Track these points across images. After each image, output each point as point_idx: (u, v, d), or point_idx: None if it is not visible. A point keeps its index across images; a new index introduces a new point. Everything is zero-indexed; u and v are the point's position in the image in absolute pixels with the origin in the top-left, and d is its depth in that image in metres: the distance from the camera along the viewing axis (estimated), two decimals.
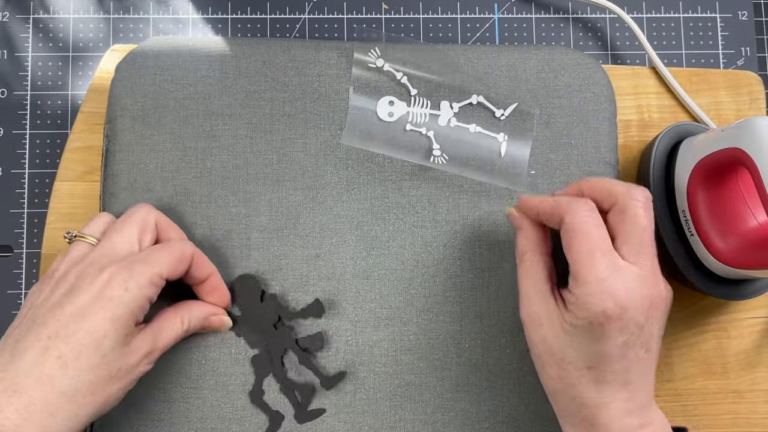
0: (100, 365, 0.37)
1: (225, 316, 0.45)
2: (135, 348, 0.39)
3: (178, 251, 0.41)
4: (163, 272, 0.39)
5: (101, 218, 0.43)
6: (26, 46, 0.53)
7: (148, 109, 0.48)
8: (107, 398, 0.37)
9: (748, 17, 0.56)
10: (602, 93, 0.49)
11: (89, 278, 0.38)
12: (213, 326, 0.44)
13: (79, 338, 0.36)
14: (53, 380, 0.35)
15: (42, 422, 0.34)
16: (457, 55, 0.49)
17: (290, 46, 0.49)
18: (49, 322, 0.37)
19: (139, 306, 0.38)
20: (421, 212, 0.48)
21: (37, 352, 0.36)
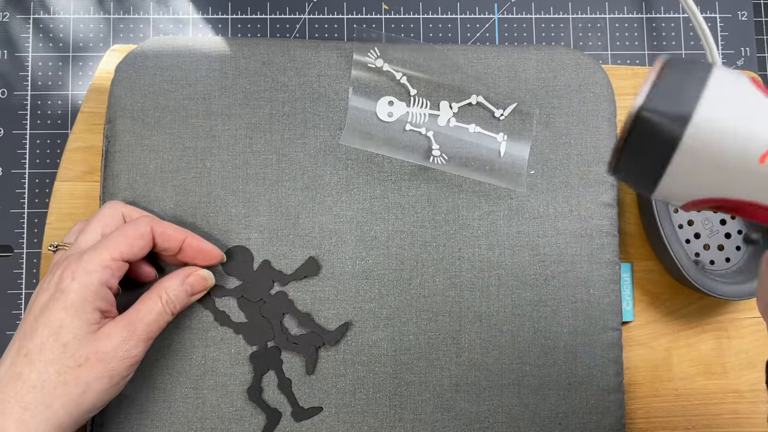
0: (62, 355, 0.37)
1: (200, 271, 0.44)
2: (105, 334, 0.39)
3: (130, 230, 0.41)
4: (115, 254, 0.39)
5: (76, 225, 0.44)
6: (26, 46, 0.53)
7: (147, 110, 0.48)
8: (84, 388, 0.38)
9: (747, 17, 0.56)
10: (602, 93, 0.49)
11: (49, 278, 0.40)
12: (197, 288, 0.44)
13: (39, 333, 0.38)
14: (22, 376, 0.37)
15: (17, 415, 0.36)
16: (457, 55, 0.49)
17: (290, 46, 0.49)
18: (22, 326, 0.39)
19: (91, 292, 0.38)
20: (421, 212, 0.48)
21: (12, 354, 0.38)
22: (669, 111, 0.24)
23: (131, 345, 0.39)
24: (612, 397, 0.47)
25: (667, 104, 0.24)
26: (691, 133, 0.24)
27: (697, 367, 0.50)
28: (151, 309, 0.41)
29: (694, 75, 0.25)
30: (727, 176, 0.24)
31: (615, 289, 0.48)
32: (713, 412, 0.50)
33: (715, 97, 0.24)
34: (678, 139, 0.24)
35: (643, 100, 0.25)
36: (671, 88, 0.25)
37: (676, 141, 0.24)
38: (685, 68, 0.25)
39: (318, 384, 0.46)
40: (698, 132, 0.24)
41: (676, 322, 0.50)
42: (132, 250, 0.40)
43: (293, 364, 0.46)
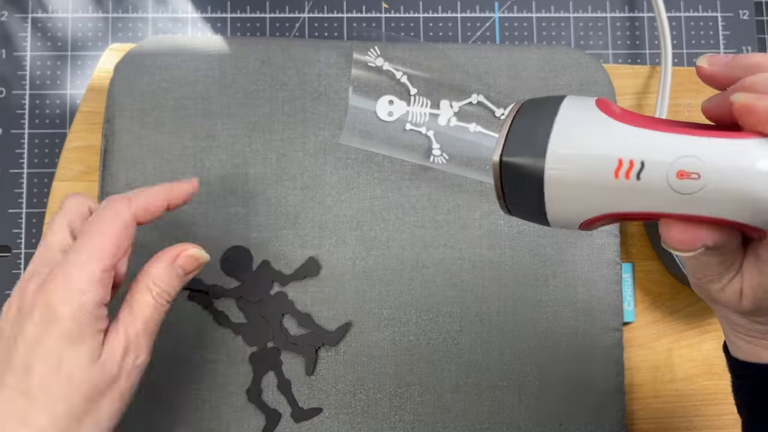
0: (70, 391, 0.33)
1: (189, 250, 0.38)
2: (108, 355, 0.34)
3: (110, 225, 0.35)
4: (106, 263, 0.34)
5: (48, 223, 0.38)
6: (25, 45, 0.53)
7: (146, 109, 0.47)
8: (97, 418, 0.34)
9: (749, 17, 0.56)
10: (603, 92, 0.49)
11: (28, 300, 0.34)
12: (190, 267, 0.38)
13: (37, 369, 0.32)
14: (27, 419, 0.32)
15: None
16: (457, 54, 0.49)
17: (289, 45, 0.49)
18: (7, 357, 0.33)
19: (88, 315, 0.33)
20: (421, 212, 0.47)
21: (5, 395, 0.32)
22: (525, 153, 0.27)
23: (134, 356, 0.35)
24: (613, 397, 0.47)
25: (523, 148, 0.27)
26: (550, 167, 0.26)
27: (699, 368, 0.50)
28: (144, 306, 0.36)
29: (543, 114, 0.27)
30: (596, 195, 0.26)
31: (616, 290, 0.48)
32: (714, 413, 0.50)
33: (562, 132, 0.26)
34: (540, 176, 0.26)
35: (501, 149, 0.27)
36: (524, 132, 0.27)
37: (539, 178, 0.26)
38: (535, 109, 0.28)
39: (318, 385, 0.46)
40: (555, 165, 0.26)
41: (677, 323, 0.50)
42: (120, 251, 0.35)
43: (293, 364, 0.46)
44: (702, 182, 0.24)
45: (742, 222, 0.25)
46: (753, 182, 0.24)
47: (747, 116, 0.25)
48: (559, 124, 0.26)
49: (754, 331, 0.31)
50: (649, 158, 0.25)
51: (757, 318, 0.31)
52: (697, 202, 0.25)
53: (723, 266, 0.29)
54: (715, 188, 0.24)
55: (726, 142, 0.24)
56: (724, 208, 0.25)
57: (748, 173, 0.24)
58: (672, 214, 0.26)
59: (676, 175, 0.25)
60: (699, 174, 0.24)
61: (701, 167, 0.24)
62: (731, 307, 0.30)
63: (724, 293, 0.30)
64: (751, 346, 0.32)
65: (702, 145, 0.25)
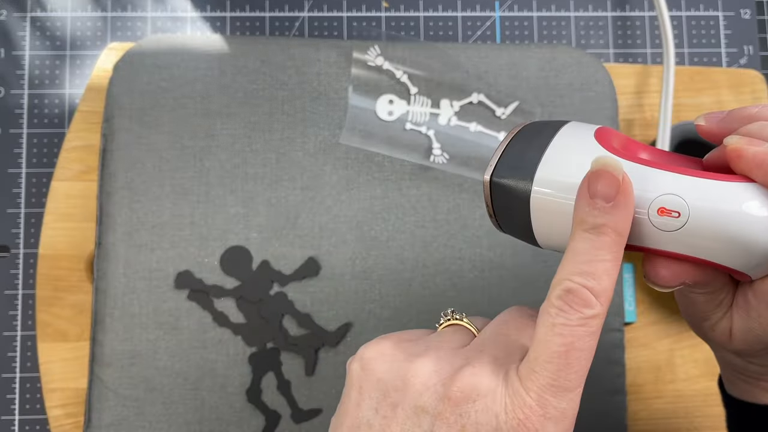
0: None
1: None
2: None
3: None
4: None
5: (479, 320, 0.30)
6: (23, 44, 0.52)
7: (145, 108, 0.47)
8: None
9: (750, 16, 0.56)
10: (604, 92, 0.49)
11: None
12: None
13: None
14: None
15: None
16: (458, 53, 0.49)
17: (289, 44, 0.49)
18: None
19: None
20: (422, 212, 0.47)
21: None
22: (514, 175, 0.27)
23: None
24: (614, 398, 0.47)
25: (512, 170, 0.27)
26: (536, 191, 0.26)
27: (700, 369, 0.50)
28: None
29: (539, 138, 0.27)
30: None
31: (617, 290, 0.47)
32: (716, 414, 0.50)
33: (552, 158, 0.26)
34: (527, 199, 0.26)
35: (494, 168, 0.27)
36: (516, 155, 0.27)
37: (526, 199, 0.26)
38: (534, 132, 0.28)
39: (317, 385, 0.46)
40: (541, 190, 0.26)
41: (678, 323, 0.50)
42: None
43: (293, 365, 0.46)
44: (682, 220, 0.24)
45: (723, 264, 0.25)
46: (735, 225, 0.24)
47: (737, 161, 0.25)
48: (551, 150, 0.27)
49: (750, 371, 0.31)
50: None
51: (751, 359, 0.30)
52: (677, 240, 0.25)
53: (710, 305, 0.28)
54: (695, 228, 0.24)
55: (710, 183, 0.24)
56: (704, 248, 0.25)
57: (728, 216, 0.24)
58: (653, 249, 0.26)
59: (657, 211, 0.25)
60: (679, 212, 0.24)
61: (682, 206, 0.24)
62: (721, 345, 0.30)
63: (714, 332, 0.29)
64: (748, 386, 0.32)
65: (685, 184, 0.25)
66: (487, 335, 0.27)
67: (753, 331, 0.27)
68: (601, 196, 0.24)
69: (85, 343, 0.48)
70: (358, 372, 0.27)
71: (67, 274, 0.48)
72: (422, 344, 0.27)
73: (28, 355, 0.49)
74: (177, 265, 0.46)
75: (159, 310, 0.46)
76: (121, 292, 0.46)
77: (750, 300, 0.27)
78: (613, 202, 0.24)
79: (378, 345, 0.27)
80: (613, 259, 0.24)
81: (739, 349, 0.29)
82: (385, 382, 0.26)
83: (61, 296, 0.48)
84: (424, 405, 0.25)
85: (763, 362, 0.30)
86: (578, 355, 0.24)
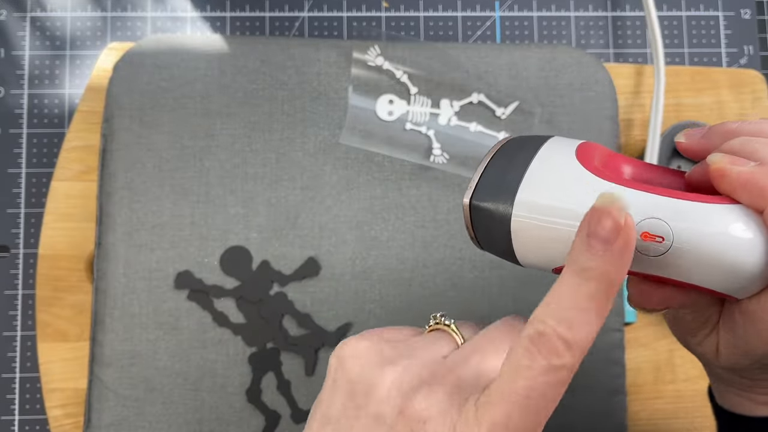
0: None
1: None
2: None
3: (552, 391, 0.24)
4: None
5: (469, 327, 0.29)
6: (23, 44, 0.52)
7: (145, 108, 0.47)
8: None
9: (751, 16, 0.56)
10: (604, 92, 0.49)
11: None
12: None
13: None
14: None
15: None
16: (458, 53, 0.49)
17: (289, 44, 0.49)
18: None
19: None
20: (421, 212, 0.47)
21: None
22: (494, 199, 0.26)
23: None
24: (614, 398, 0.47)
25: (492, 193, 0.26)
26: (517, 215, 0.26)
27: (700, 369, 0.50)
28: None
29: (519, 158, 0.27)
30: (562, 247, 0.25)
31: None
32: None
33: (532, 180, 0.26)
34: (508, 222, 0.26)
35: (473, 191, 0.27)
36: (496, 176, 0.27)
37: (507, 223, 0.26)
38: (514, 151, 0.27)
39: (317, 386, 0.46)
40: (522, 213, 0.25)
41: None
42: None
43: (292, 365, 0.46)
44: (666, 245, 0.24)
45: (709, 288, 0.24)
46: (720, 248, 0.23)
47: (720, 181, 0.24)
48: (531, 171, 0.26)
49: (739, 384, 0.30)
50: None
51: (738, 373, 0.30)
52: (662, 265, 0.24)
53: (697, 323, 0.28)
54: (679, 252, 0.24)
55: (694, 206, 0.24)
56: (689, 273, 0.24)
57: (713, 239, 0.23)
58: (638, 272, 0.25)
59: (640, 236, 0.24)
60: (663, 237, 0.24)
61: (666, 231, 0.24)
62: (710, 361, 0.29)
63: (701, 347, 0.29)
64: (738, 398, 0.31)
65: (668, 207, 0.24)
66: (465, 352, 0.27)
67: (740, 348, 0.27)
68: (599, 238, 0.22)
69: (85, 343, 0.48)
70: (335, 367, 0.27)
71: (67, 274, 0.48)
72: (399, 349, 0.27)
73: (28, 355, 0.49)
74: (177, 265, 0.46)
75: (159, 310, 0.46)
76: (121, 292, 0.46)
77: (736, 319, 0.27)
78: (611, 248, 0.22)
79: (356, 343, 0.27)
80: (596, 310, 0.22)
81: (725, 365, 0.28)
82: (354, 383, 0.26)
83: (61, 296, 0.48)
84: (383, 414, 0.25)
85: (751, 376, 0.29)
86: (538, 402, 0.23)
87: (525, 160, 0.26)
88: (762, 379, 0.29)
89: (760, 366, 0.28)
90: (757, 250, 0.23)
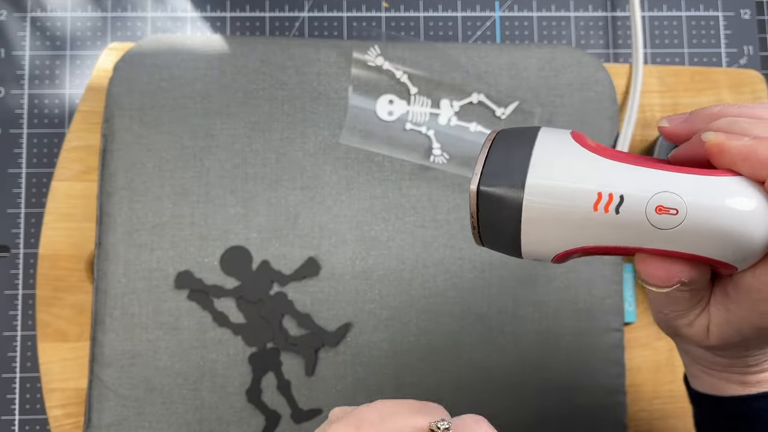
0: None
1: None
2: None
3: None
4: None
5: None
6: (23, 44, 0.52)
7: (145, 108, 0.47)
8: None
9: (750, 16, 0.55)
10: (604, 92, 0.49)
11: None
12: None
13: None
14: None
15: None
16: (458, 53, 0.49)
17: (289, 44, 0.49)
18: None
19: None
20: (421, 212, 0.47)
21: None
22: (503, 183, 0.26)
23: None
24: (614, 398, 0.47)
25: (501, 178, 0.26)
26: (529, 199, 0.26)
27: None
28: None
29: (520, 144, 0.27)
30: (573, 228, 0.26)
31: (617, 290, 0.47)
32: None
33: (541, 163, 0.26)
34: (519, 207, 0.26)
35: (480, 177, 0.27)
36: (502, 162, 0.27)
37: (518, 209, 0.26)
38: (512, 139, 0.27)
39: (317, 386, 0.46)
40: (533, 196, 0.26)
41: None
42: None
43: (292, 365, 0.46)
44: (680, 218, 0.24)
45: (717, 259, 0.25)
46: (729, 219, 0.24)
47: (719, 156, 0.25)
48: (537, 155, 0.26)
49: (716, 364, 0.31)
50: (628, 192, 0.25)
51: (719, 352, 0.30)
52: (675, 238, 0.25)
53: (692, 302, 0.29)
54: (692, 224, 0.24)
55: (704, 179, 0.25)
56: (700, 245, 0.25)
57: (725, 210, 0.24)
58: (648, 248, 0.26)
59: (654, 210, 0.25)
60: (677, 210, 0.24)
61: (679, 203, 0.24)
62: (697, 342, 0.30)
63: (691, 328, 0.30)
64: (712, 379, 0.32)
65: (681, 181, 0.25)
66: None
67: (731, 324, 0.28)
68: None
69: (85, 343, 0.48)
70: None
71: (67, 274, 0.48)
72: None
73: (28, 355, 0.49)
74: (177, 265, 0.46)
75: (159, 310, 0.46)
76: (121, 292, 0.46)
77: (730, 292, 0.27)
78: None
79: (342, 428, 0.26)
80: None
81: (714, 344, 0.29)
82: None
83: (61, 296, 0.48)
84: None
85: (733, 354, 0.30)
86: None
87: (527, 146, 0.27)
88: (739, 358, 0.30)
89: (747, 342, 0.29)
90: (761, 220, 0.24)
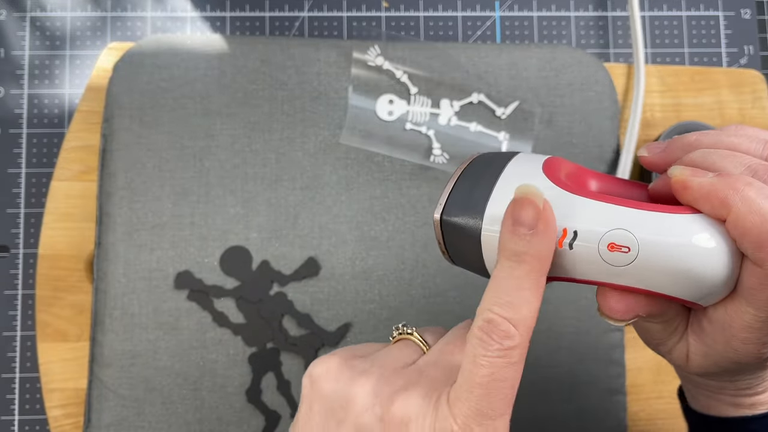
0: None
1: None
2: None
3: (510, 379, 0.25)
4: None
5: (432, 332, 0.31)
6: (23, 44, 0.52)
7: (145, 108, 0.47)
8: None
9: (751, 16, 0.55)
10: (604, 92, 0.49)
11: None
12: None
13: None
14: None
15: None
16: (458, 53, 0.49)
17: (289, 44, 0.49)
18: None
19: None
20: (421, 212, 0.47)
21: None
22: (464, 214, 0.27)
23: None
24: (614, 398, 0.46)
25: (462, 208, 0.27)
26: (487, 228, 0.26)
27: None
28: None
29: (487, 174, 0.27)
30: None
31: None
32: None
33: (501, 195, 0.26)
34: (478, 236, 0.26)
35: (443, 207, 0.27)
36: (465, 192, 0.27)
37: (477, 237, 0.26)
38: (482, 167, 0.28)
39: None
40: (492, 226, 0.26)
41: None
42: None
43: (292, 365, 0.46)
44: (631, 255, 0.24)
45: (675, 296, 0.25)
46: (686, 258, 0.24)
47: (683, 192, 0.25)
48: (499, 187, 0.26)
49: (709, 387, 0.31)
50: (582, 228, 0.25)
51: (709, 378, 0.30)
52: (629, 274, 0.25)
53: (665, 332, 0.29)
54: (645, 261, 0.24)
55: (658, 216, 0.24)
56: (655, 282, 0.25)
57: (677, 249, 0.24)
58: (605, 283, 0.26)
59: (607, 247, 0.24)
60: (629, 248, 0.24)
61: (632, 241, 0.24)
62: (679, 367, 0.30)
63: (671, 355, 0.30)
64: (708, 400, 0.32)
65: (636, 218, 0.24)
66: (431, 356, 0.28)
67: (709, 356, 0.28)
68: (523, 223, 0.24)
69: (85, 343, 0.47)
70: (308, 388, 0.28)
71: (66, 274, 0.48)
72: (368, 362, 0.28)
73: (28, 355, 0.49)
74: (177, 265, 0.46)
75: (159, 310, 0.46)
76: (121, 293, 0.46)
77: (705, 326, 0.27)
78: (534, 230, 0.24)
79: (326, 362, 0.28)
80: (532, 288, 0.25)
81: (697, 371, 0.29)
82: (330, 400, 0.27)
83: (60, 296, 0.48)
84: (364, 424, 0.26)
85: (722, 378, 0.30)
86: (499, 385, 0.24)
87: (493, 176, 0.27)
88: (730, 382, 0.30)
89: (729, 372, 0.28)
90: (720, 258, 0.24)
